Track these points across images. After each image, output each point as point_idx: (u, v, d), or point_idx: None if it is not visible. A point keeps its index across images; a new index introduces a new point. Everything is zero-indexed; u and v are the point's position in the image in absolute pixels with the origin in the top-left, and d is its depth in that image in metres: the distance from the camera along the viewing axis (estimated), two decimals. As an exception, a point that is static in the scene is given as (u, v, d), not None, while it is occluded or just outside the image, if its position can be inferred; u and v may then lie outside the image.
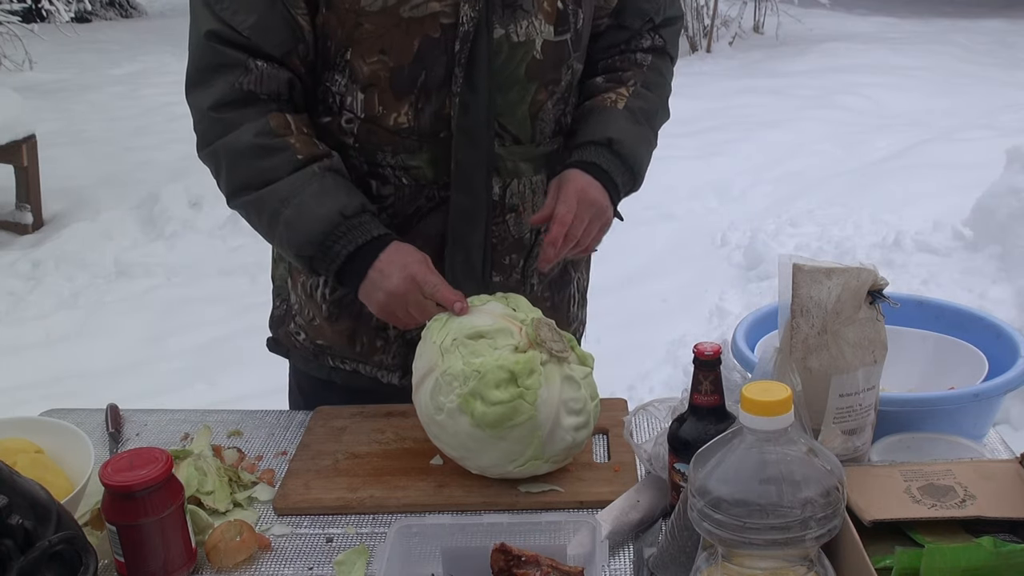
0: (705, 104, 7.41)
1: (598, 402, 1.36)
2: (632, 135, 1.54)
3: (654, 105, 1.60)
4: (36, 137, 5.64)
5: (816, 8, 11.32)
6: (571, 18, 1.48)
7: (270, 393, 1.92)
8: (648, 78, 1.60)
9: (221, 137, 1.42)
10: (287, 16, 1.39)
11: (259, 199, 1.41)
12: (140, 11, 14.78)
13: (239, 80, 1.40)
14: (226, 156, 1.42)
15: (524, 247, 1.57)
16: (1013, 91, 8.02)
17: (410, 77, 1.42)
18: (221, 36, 1.39)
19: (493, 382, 1.25)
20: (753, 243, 4.71)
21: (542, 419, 1.27)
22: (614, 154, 1.52)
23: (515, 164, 1.51)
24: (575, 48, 1.51)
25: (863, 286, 1.22)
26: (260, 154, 1.40)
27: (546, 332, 1.32)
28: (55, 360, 4.03)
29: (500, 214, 1.52)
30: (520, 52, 1.44)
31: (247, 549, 1.22)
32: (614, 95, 1.57)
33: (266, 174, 1.40)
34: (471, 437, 1.27)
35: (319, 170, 1.41)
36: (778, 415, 0.89)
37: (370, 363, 1.59)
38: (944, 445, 1.34)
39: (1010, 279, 3.97)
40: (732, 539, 0.88)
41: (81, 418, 1.54)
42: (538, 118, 1.51)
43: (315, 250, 1.40)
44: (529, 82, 1.47)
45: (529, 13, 1.43)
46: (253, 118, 1.40)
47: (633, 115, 1.56)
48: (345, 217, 1.39)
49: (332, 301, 1.56)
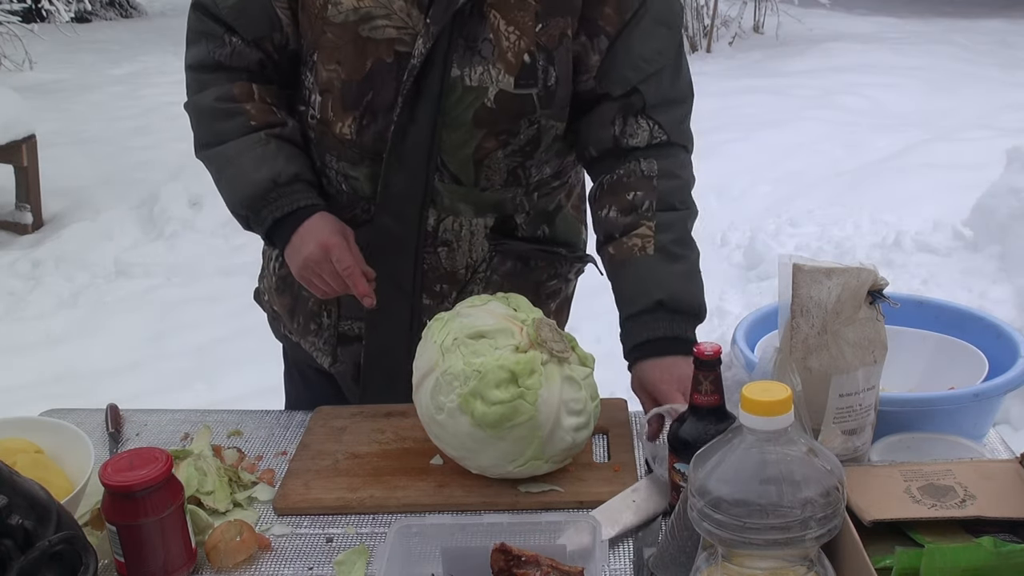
0: (705, 104, 7.35)
1: (598, 402, 1.35)
2: (677, 279, 1.46)
3: (682, 224, 1.50)
4: (36, 137, 5.64)
5: (816, 8, 11.32)
6: (540, 74, 1.43)
7: (270, 393, 1.92)
8: (662, 194, 1.48)
9: (194, 95, 1.55)
10: (266, 5, 1.47)
11: (214, 155, 1.52)
12: (140, 11, 14.77)
13: (214, 50, 1.50)
14: (193, 112, 1.55)
15: (458, 281, 1.56)
16: (1013, 91, 8.01)
17: (358, 93, 1.45)
18: (204, 7, 1.51)
19: (494, 382, 1.25)
20: (753, 243, 4.71)
21: (542, 419, 1.26)
22: (670, 312, 1.43)
23: (453, 203, 1.50)
24: (544, 105, 1.45)
25: (863, 286, 1.22)
26: (218, 116, 1.51)
27: (547, 332, 1.32)
28: (55, 360, 4.03)
29: (431, 245, 1.53)
30: (470, 97, 1.43)
31: (247, 549, 1.22)
32: (639, 239, 1.46)
33: (221, 134, 1.51)
34: (471, 437, 1.27)
35: (266, 136, 1.49)
36: (778, 415, 0.89)
37: (306, 341, 1.66)
38: (944, 445, 1.34)
39: (1010, 279, 3.97)
40: (732, 539, 0.88)
41: (81, 418, 1.54)
42: (484, 164, 1.48)
43: (247, 211, 1.50)
44: (476, 127, 1.45)
45: (487, 60, 1.41)
46: (221, 83, 1.51)
47: (667, 254, 1.46)
48: (277, 184, 1.47)
49: (280, 276, 1.66)
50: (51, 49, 10.71)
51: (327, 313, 1.61)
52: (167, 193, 5.69)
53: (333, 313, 1.61)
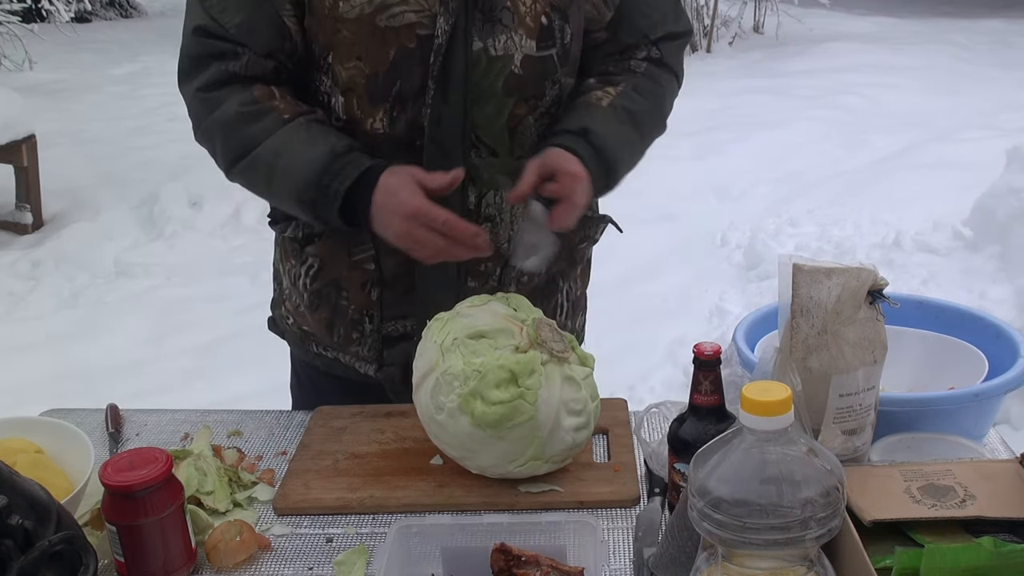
0: (705, 104, 7.41)
1: (598, 403, 1.35)
2: (612, 131, 1.47)
3: (642, 108, 1.53)
4: (36, 137, 5.64)
5: (816, 8, 11.32)
6: (556, 33, 1.46)
7: (270, 393, 1.92)
8: (640, 83, 1.54)
9: (210, 115, 1.45)
10: (274, 17, 1.42)
11: (253, 160, 1.44)
12: (140, 11, 14.78)
13: (226, 65, 1.44)
14: (218, 130, 1.46)
15: (501, 257, 1.55)
16: (1013, 91, 8.02)
17: (385, 85, 1.43)
18: (209, 31, 1.44)
19: (493, 382, 1.25)
20: (753, 243, 4.71)
21: (542, 419, 1.26)
22: (589, 144, 1.44)
23: (492, 176, 1.50)
24: (562, 63, 1.49)
25: (863, 286, 1.22)
26: (248, 120, 1.43)
27: (547, 332, 1.32)
28: (55, 360, 4.03)
29: (475, 223, 1.50)
30: (498, 66, 1.43)
31: (247, 549, 1.22)
32: (600, 93, 1.51)
33: (257, 136, 1.43)
34: (471, 437, 1.27)
35: (305, 122, 1.44)
36: (778, 415, 0.89)
37: (347, 353, 1.61)
38: (944, 445, 1.34)
39: (1010, 279, 3.97)
40: (732, 539, 0.88)
41: (81, 418, 1.54)
42: (517, 132, 1.49)
43: (315, 192, 1.40)
44: (507, 96, 1.45)
45: (508, 28, 1.42)
46: (237, 92, 1.44)
47: (616, 112, 1.49)
48: (336, 155, 1.40)
49: (312, 291, 1.59)
50: (51, 49, 10.71)
51: (369, 319, 1.57)
52: (167, 193, 5.69)
53: (376, 317, 1.57)
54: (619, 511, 1.31)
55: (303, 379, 1.77)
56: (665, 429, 1.39)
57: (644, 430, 1.45)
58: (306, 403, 1.76)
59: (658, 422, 1.49)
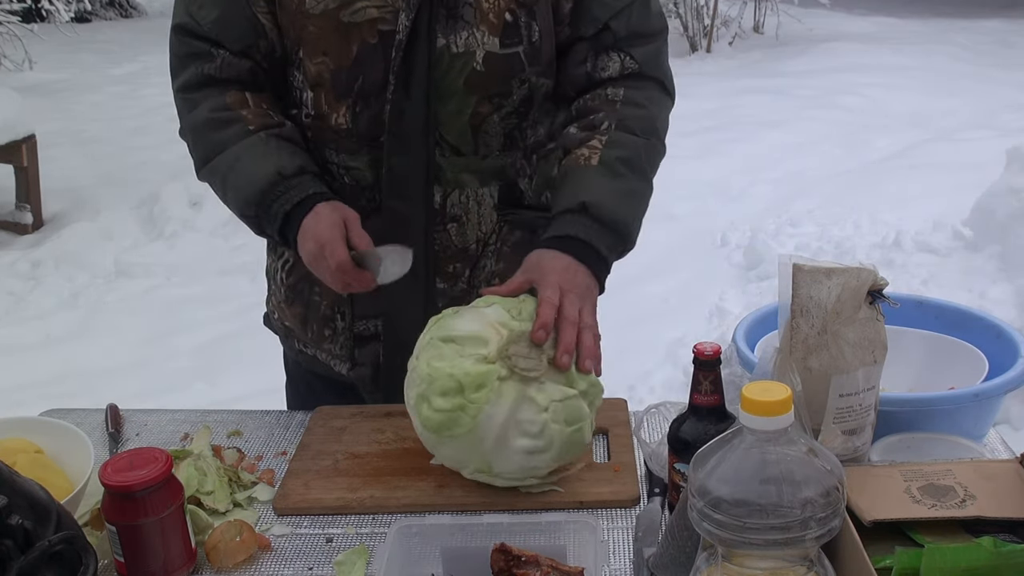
0: (705, 104, 7.41)
1: (579, 428, 1.28)
2: (611, 192, 1.42)
3: (635, 148, 1.46)
4: (36, 137, 5.65)
5: (816, 8, 11.32)
6: (523, 31, 1.44)
7: (270, 393, 1.92)
8: (624, 116, 1.47)
9: (187, 115, 1.52)
10: (248, 14, 1.46)
11: (214, 167, 1.49)
12: (140, 11, 14.78)
13: (202, 66, 1.49)
14: (190, 132, 1.52)
15: (470, 257, 1.55)
16: (1013, 91, 8.02)
17: (348, 80, 1.44)
18: (187, 29, 1.49)
19: (439, 389, 1.24)
20: (753, 243, 4.71)
21: (483, 434, 1.24)
22: (592, 219, 1.40)
23: (456, 175, 1.50)
24: (531, 62, 1.46)
25: (863, 286, 1.22)
26: (215, 127, 1.48)
27: (519, 348, 1.26)
28: (55, 360, 4.03)
29: (441, 223, 1.52)
30: (459, 63, 1.43)
31: (247, 549, 1.22)
32: (587, 150, 1.45)
33: (220, 144, 1.48)
34: (423, 436, 1.29)
35: (265, 136, 1.48)
36: (778, 415, 0.89)
37: (322, 350, 1.63)
38: (944, 445, 1.34)
39: (1010, 279, 3.97)
40: (732, 539, 0.88)
41: (81, 418, 1.54)
42: (481, 131, 1.48)
43: (256, 209, 1.46)
44: (469, 94, 1.45)
45: (470, 24, 1.42)
46: (212, 96, 1.49)
47: (610, 169, 1.43)
48: (283, 177, 1.45)
49: (288, 285, 1.62)
50: (51, 49, 10.71)
51: (340, 316, 1.58)
52: (167, 193, 5.70)
53: (347, 315, 1.58)
54: (619, 511, 1.31)
55: (294, 376, 1.79)
56: (665, 429, 1.39)
57: (644, 430, 1.45)
58: (298, 400, 1.78)
59: (658, 422, 1.49)
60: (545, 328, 1.27)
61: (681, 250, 4.85)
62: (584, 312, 1.32)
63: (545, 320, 1.28)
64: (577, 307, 1.31)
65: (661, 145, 1.53)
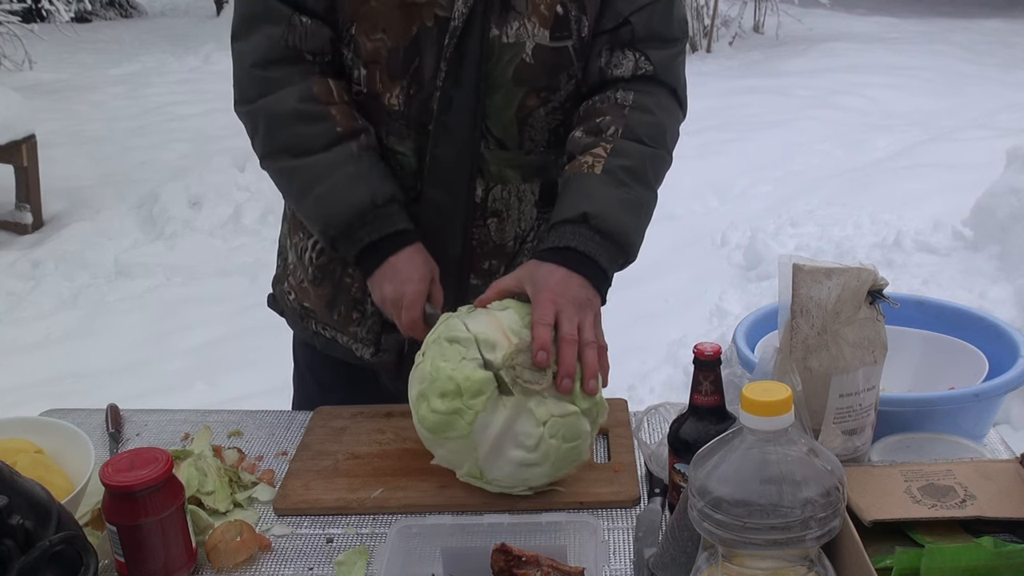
0: (705, 104, 7.40)
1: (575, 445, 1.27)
2: (614, 203, 1.39)
3: (640, 157, 1.43)
4: (36, 137, 5.64)
5: (816, 8, 11.33)
6: (573, 24, 1.43)
7: (270, 393, 1.93)
8: (631, 123, 1.44)
9: (262, 96, 1.44)
10: None
11: (294, 168, 1.44)
12: (140, 11, 14.76)
13: (283, 36, 1.42)
14: (266, 117, 1.44)
15: (506, 255, 1.54)
16: (1013, 91, 8.03)
17: (405, 60, 1.42)
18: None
19: (439, 390, 1.24)
20: (753, 243, 4.71)
21: (477, 441, 1.24)
22: (593, 231, 1.37)
23: (500, 169, 1.48)
24: (579, 57, 1.45)
25: (863, 286, 1.22)
26: (301, 120, 1.42)
27: (524, 359, 1.26)
28: (55, 360, 4.03)
29: (481, 217, 1.50)
30: (509, 54, 1.42)
31: (247, 549, 1.22)
32: (591, 158, 1.42)
33: (305, 142, 1.43)
34: (420, 433, 1.30)
35: (356, 150, 1.43)
36: (778, 415, 0.89)
37: (346, 333, 1.60)
38: (944, 445, 1.34)
39: (1010, 279, 3.97)
40: (732, 539, 0.88)
41: (81, 418, 1.54)
42: (527, 124, 1.47)
43: (340, 232, 1.43)
44: (517, 86, 1.44)
45: (521, 14, 1.41)
46: (297, 80, 1.43)
47: (613, 178, 1.40)
48: (376, 206, 1.41)
49: (318, 265, 1.58)
50: (51, 49, 10.72)
51: (370, 298, 1.53)
52: (167, 193, 5.70)
53: None
54: (619, 511, 1.31)
55: (302, 366, 1.77)
56: (665, 430, 1.39)
57: (643, 431, 1.45)
58: (306, 393, 1.77)
59: (657, 423, 1.49)
60: (545, 349, 1.26)
61: (681, 250, 4.85)
62: (584, 327, 1.30)
63: (542, 342, 1.26)
64: (575, 323, 1.29)
65: (668, 156, 1.50)
